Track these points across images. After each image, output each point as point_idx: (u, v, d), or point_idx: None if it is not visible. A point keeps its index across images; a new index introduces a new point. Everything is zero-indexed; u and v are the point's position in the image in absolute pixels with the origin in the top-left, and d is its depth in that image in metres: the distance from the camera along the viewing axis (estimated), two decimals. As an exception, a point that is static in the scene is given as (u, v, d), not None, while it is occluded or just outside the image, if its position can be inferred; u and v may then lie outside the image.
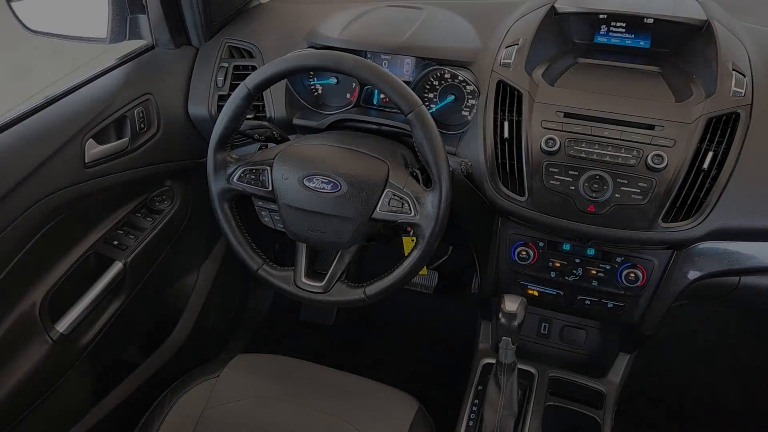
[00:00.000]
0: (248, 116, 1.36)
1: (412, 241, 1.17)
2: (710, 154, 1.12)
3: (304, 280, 1.20)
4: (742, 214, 1.12)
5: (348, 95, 1.45)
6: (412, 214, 1.09)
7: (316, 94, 1.48)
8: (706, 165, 1.12)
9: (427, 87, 1.37)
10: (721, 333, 2.08)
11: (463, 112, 1.36)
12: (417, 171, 1.19)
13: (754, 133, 1.13)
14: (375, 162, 1.14)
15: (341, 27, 1.38)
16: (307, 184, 1.11)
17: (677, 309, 1.33)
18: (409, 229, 1.16)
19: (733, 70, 1.18)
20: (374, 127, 1.37)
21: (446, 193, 1.07)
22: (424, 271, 2.00)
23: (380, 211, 1.10)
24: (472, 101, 1.34)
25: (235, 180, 1.17)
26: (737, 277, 1.26)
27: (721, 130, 1.13)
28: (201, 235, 1.74)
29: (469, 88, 1.33)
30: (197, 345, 1.79)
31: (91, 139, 1.27)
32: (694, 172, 1.12)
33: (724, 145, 1.12)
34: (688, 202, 1.12)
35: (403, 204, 1.10)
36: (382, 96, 1.43)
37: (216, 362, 1.31)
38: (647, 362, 1.92)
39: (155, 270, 1.52)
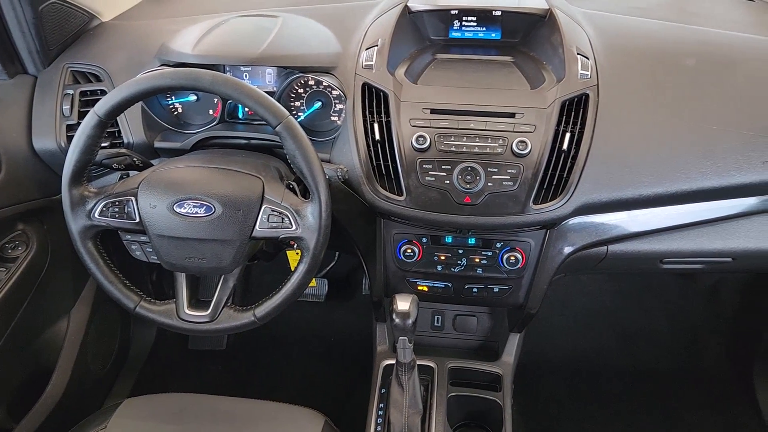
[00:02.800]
0: (103, 144, 1.27)
1: (297, 254, 1.14)
2: (568, 135, 1.18)
3: (187, 311, 1.13)
4: (602, 188, 1.20)
5: (211, 112, 1.39)
6: (294, 227, 1.06)
7: (176, 113, 1.40)
8: (565, 146, 1.18)
9: (293, 96, 1.35)
10: (595, 299, 2.23)
11: (332, 118, 1.35)
12: (293, 183, 1.16)
13: (603, 111, 1.21)
14: (248, 179, 1.10)
15: (194, 42, 1.32)
16: (177, 210, 1.05)
17: (554, 282, 1.40)
18: (292, 243, 1.13)
19: (578, 54, 1.25)
20: (243, 142, 1.32)
21: (325, 202, 1.05)
22: (312, 282, 1.98)
23: (260, 229, 1.06)
24: (340, 106, 1.33)
25: (96, 215, 1.08)
26: (605, 247, 1.34)
27: (574, 111, 1.20)
28: (66, 278, 1.60)
29: (335, 93, 1.32)
30: (77, 397, 1.65)
31: None
32: (555, 154, 1.18)
33: (579, 125, 1.19)
34: (554, 183, 1.18)
35: (283, 219, 1.06)
36: (247, 109, 1.38)
37: (101, 412, 1.21)
38: (535, 337, 2.02)
39: (17, 323, 1.38)
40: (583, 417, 1.87)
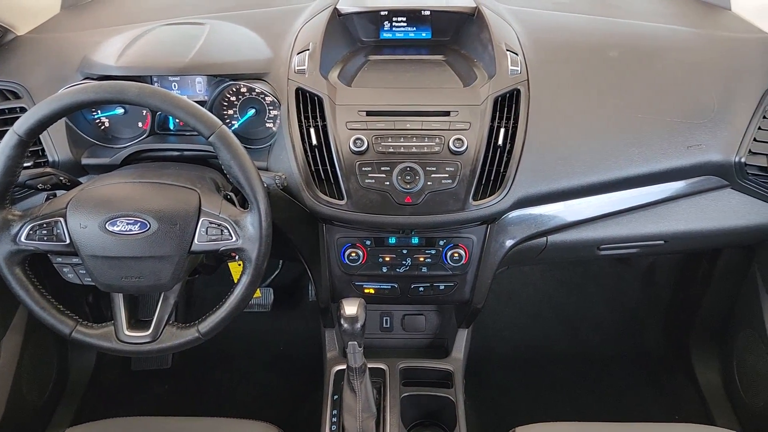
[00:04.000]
0: (26, 164, 1.21)
1: (240, 266, 1.11)
2: (502, 131, 1.20)
3: (127, 332, 1.09)
4: (538, 180, 1.23)
5: (140, 124, 1.35)
6: (234, 239, 1.04)
7: (103, 128, 1.35)
8: (500, 141, 1.20)
9: (225, 104, 1.32)
10: (539, 289, 2.28)
11: (267, 124, 1.33)
12: (230, 193, 1.13)
13: (535, 105, 1.24)
14: (183, 192, 1.07)
15: (118, 53, 1.27)
16: (110, 228, 1.01)
17: (498, 275, 1.42)
18: (233, 254, 1.11)
19: (507, 50, 1.28)
20: (176, 154, 1.29)
21: (265, 211, 1.03)
22: (256, 293, 1.94)
23: (199, 243, 1.04)
24: (275, 112, 1.31)
25: (23, 239, 1.02)
26: (545, 238, 1.37)
27: (507, 107, 1.22)
28: (-6, 306, 1.52)
29: (269, 99, 1.30)
30: (14, 429, 1.56)
31: None
32: (491, 149, 1.19)
33: (512, 120, 1.21)
34: (492, 179, 1.20)
35: (222, 231, 1.04)
36: (178, 120, 1.35)
37: None
38: (484, 331, 2.05)
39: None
40: (534, 404, 1.91)
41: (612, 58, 1.37)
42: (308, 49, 1.28)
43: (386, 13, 1.38)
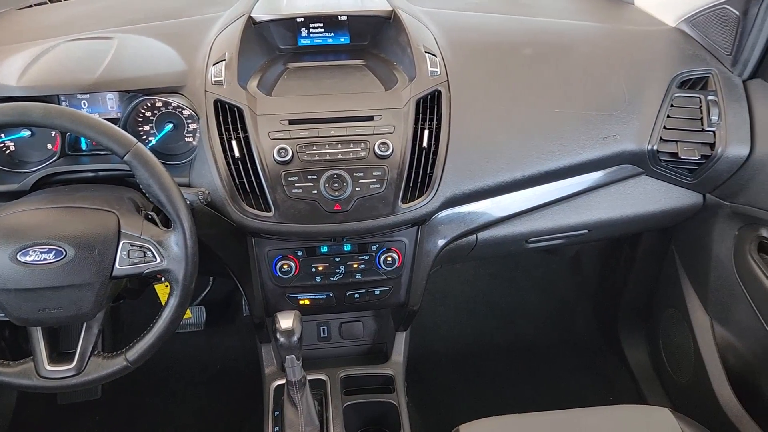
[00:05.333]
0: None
1: (167, 287, 1.07)
2: (426, 133, 1.21)
3: (48, 367, 1.03)
4: (464, 179, 1.24)
5: (49, 146, 1.27)
6: (158, 260, 1.00)
7: (8, 152, 1.27)
8: (425, 143, 1.21)
9: (140, 120, 1.26)
10: (472, 285, 2.32)
11: (187, 139, 1.28)
12: (152, 213, 1.09)
13: (456, 105, 1.26)
14: (100, 215, 1.01)
15: (19, 72, 1.20)
16: (22, 259, 0.95)
17: (432, 275, 1.43)
18: (159, 276, 1.06)
19: (426, 52, 1.29)
20: (90, 175, 1.22)
21: (189, 230, 1.00)
22: (187, 313, 1.88)
23: (120, 267, 0.99)
24: (194, 126, 1.27)
25: None
26: (475, 235, 1.39)
27: (429, 108, 1.23)
28: None
29: (186, 112, 1.25)
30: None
31: None
32: (417, 151, 1.20)
33: (435, 121, 1.22)
34: (420, 180, 1.21)
35: (145, 252, 1.00)
36: (90, 140, 1.28)
37: None
38: (422, 331, 2.06)
39: None
40: (476, 400, 1.93)
41: (526, 55, 1.40)
42: (224, 60, 1.25)
43: (302, 19, 1.36)
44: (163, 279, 1.10)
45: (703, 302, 1.58)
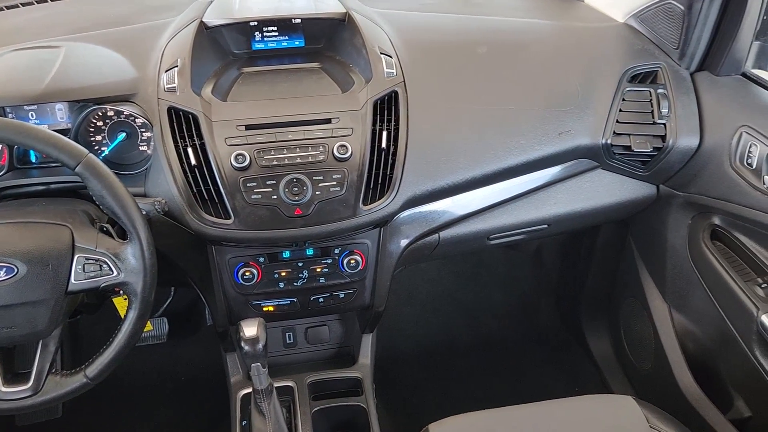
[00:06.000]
0: None
1: (125, 300, 1.05)
2: (385, 134, 1.21)
3: (3, 388, 0.99)
4: (424, 179, 1.25)
5: (-3, 160, 1.23)
6: (115, 273, 0.97)
7: (-48, 168, 1.22)
8: (384, 144, 1.21)
9: (92, 130, 1.23)
10: (437, 283, 2.33)
11: (141, 148, 1.25)
12: (107, 225, 1.06)
13: (414, 106, 1.26)
14: (53, 229, 0.98)
15: None
16: None
17: (397, 276, 1.43)
18: (117, 289, 1.04)
19: (381, 53, 1.29)
20: (41, 188, 1.18)
21: (146, 240, 0.97)
22: (148, 325, 1.84)
23: (76, 282, 0.96)
24: (147, 134, 1.24)
25: None
26: (437, 234, 1.40)
27: (386, 109, 1.23)
28: None
29: (140, 121, 1.22)
30: None
31: None
32: (376, 153, 1.20)
33: (393, 122, 1.22)
34: (380, 182, 1.20)
35: (101, 266, 0.97)
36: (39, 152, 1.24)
37: None
38: (388, 332, 2.06)
39: None
40: (443, 397, 1.94)
41: (481, 54, 1.41)
42: (177, 66, 1.22)
43: (256, 23, 1.35)
44: (121, 292, 1.08)
45: (661, 291, 1.61)
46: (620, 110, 1.38)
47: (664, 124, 1.36)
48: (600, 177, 1.46)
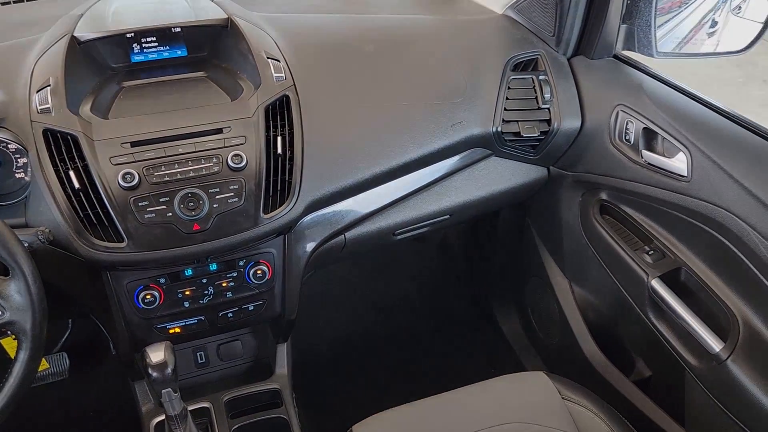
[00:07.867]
0: None
1: (14, 340, 0.97)
2: (279, 139, 1.19)
3: None
4: (325, 182, 1.24)
5: None
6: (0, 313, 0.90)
7: None
8: (279, 150, 1.18)
9: None
10: (349, 283, 2.33)
11: (18, 175, 1.16)
12: (-17, 262, 0.98)
13: (306, 109, 1.25)
14: None
15: None
16: None
17: (307, 281, 1.42)
18: (4, 330, 0.96)
19: (269, 58, 1.26)
20: None
21: (31, 274, 0.91)
22: (44, 363, 1.72)
23: None
24: (23, 160, 1.15)
25: None
26: (343, 235, 1.40)
27: (279, 114, 1.21)
28: None
29: (12, 146, 1.13)
30: None
31: None
32: (272, 159, 1.17)
33: (287, 127, 1.21)
34: (279, 188, 1.18)
35: None
36: None
37: None
38: (305, 338, 2.03)
39: None
40: (365, 397, 1.94)
41: (369, 52, 1.42)
42: (49, 85, 1.15)
43: (132, 35, 1.28)
44: (8, 332, 1.00)
45: (561, 267, 1.69)
46: (507, 98, 1.42)
47: (548, 108, 1.43)
48: (494, 164, 1.51)
